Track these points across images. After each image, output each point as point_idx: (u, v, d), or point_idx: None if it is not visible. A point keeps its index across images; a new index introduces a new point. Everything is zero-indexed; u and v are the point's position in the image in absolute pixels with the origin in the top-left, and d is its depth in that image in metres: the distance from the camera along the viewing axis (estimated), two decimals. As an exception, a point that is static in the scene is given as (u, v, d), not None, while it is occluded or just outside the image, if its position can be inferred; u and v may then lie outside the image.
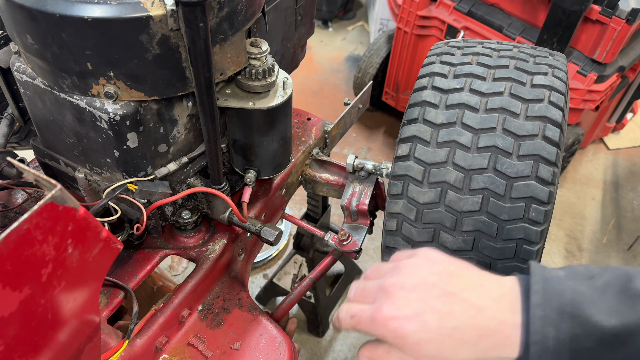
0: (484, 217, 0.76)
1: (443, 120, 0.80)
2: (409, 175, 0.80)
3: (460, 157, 0.77)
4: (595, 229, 2.72)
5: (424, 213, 0.79)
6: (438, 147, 0.79)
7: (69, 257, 0.52)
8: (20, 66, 0.83)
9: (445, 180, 0.78)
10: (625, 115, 2.95)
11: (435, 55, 0.91)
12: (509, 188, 0.75)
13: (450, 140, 0.79)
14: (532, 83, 0.81)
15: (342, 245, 1.07)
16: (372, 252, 2.51)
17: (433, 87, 0.85)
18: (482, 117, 0.78)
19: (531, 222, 0.74)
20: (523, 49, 0.90)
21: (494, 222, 0.75)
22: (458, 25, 2.35)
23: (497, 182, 0.75)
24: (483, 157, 0.76)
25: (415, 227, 0.80)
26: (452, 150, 0.78)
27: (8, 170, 0.97)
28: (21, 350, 0.51)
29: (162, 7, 0.70)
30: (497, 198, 0.75)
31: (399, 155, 0.83)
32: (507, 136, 0.76)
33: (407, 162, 0.81)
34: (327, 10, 3.94)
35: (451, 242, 0.78)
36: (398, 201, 0.82)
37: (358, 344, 2.18)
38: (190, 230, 1.02)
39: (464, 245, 0.78)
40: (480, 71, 0.84)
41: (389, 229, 0.84)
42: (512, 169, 0.75)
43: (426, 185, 0.79)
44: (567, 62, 1.35)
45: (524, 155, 0.75)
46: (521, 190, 0.74)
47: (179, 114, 0.87)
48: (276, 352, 0.94)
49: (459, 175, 0.77)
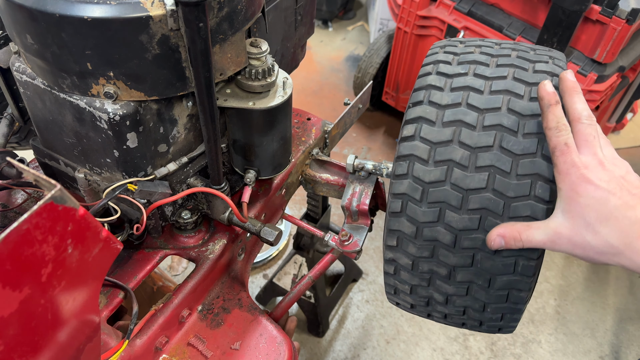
0: (490, 195, 0.76)
1: (448, 102, 0.81)
2: (415, 155, 0.80)
3: (466, 136, 0.78)
4: (595, 229, 2.72)
5: (429, 192, 0.79)
6: (444, 126, 0.80)
7: (69, 257, 0.52)
8: (20, 66, 0.83)
9: (451, 158, 0.78)
10: (625, 115, 2.95)
11: (439, 47, 0.93)
12: (515, 165, 0.75)
13: (456, 119, 0.79)
14: (534, 69, 0.83)
15: (343, 246, 1.07)
16: (372, 252, 2.51)
17: (438, 72, 0.86)
18: (487, 98, 0.80)
19: (537, 199, 0.74)
20: (523, 46, 0.91)
21: (501, 199, 0.75)
22: (458, 25, 2.35)
23: (503, 159, 0.76)
24: (489, 135, 0.77)
25: (420, 206, 0.80)
26: (457, 129, 0.79)
27: (8, 170, 0.97)
28: (21, 350, 0.51)
29: (162, 7, 0.70)
30: (503, 175, 0.75)
31: (404, 136, 0.83)
32: (512, 115, 0.78)
33: (412, 142, 0.81)
34: (327, 10, 3.94)
35: (457, 220, 0.78)
36: (403, 181, 0.81)
37: (358, 344, 2.18)
38: (190, 230, 1.02)
39: (469, 224, 0.77)
40: (484, 59, 0.86)
41: (393, 211, 0.82)
42: (517, 147, 0.76)
43: (432, 164, 0.79)
44: (567, 62, 1.35)
45: (529, 134, 0.76)
46: (527, 167, 0.75)
47: (178, 114, 0.87)
48: (276, 352, 0.94)
49: (465, 153, 0.77)
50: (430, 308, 0.92)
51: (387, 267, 0.89)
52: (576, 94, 0.74)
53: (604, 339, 2.28)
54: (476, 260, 0.79)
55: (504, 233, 0.73)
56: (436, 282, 0.84)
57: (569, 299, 2.41)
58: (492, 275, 0.79)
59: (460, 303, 0.86)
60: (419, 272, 0.84)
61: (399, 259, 0.85)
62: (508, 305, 0.82)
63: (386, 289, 0.96)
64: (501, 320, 0.86)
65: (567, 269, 2.53)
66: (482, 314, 0.86)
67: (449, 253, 0.79)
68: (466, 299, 0.84)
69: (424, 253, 0.81)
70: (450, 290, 0.84)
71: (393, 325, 2.25)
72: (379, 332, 2.22)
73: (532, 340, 2.25)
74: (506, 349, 2.21)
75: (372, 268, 2.45)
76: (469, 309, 0.86)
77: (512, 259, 0.76)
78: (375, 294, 2.35)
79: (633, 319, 2.35)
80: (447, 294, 0.85)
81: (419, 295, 0.89)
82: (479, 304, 0.84)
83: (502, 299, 0.82)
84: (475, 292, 0.82)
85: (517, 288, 0.79)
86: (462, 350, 2.18)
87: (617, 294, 2.44)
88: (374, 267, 2.45)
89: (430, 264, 0.82)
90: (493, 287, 0.80)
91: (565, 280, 2.48)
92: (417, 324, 2.25)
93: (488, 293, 0.81)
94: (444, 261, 0.80)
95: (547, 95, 0.73)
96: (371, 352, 2.16)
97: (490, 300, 0.82)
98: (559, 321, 2.32)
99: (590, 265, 2.55)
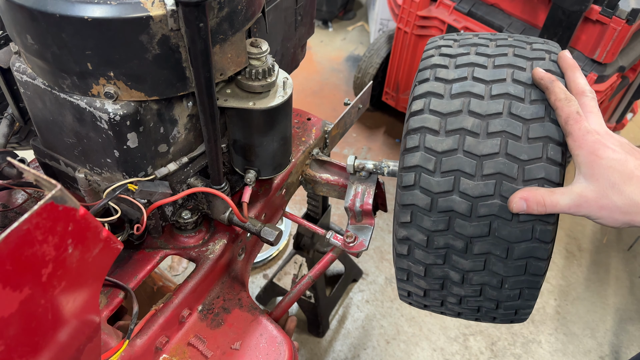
0: (504, 159, 0.77)
1: (455, 76, 0.83)
2: (426, 127, 0.81)
3: (475, 105, 0.79)
4: (596, 229, 2.72)
5: (442, 161, 0.79)
6: (452, 98, 0.81)
7: (69, 257, 0.52)
8: (20, 66, 0.83)
9: (463, 126, 0.79)
10: (625, 116, 2.95)
11: (439, 37, 0.96)
12: (526, 129, 0.77)
13: (464, 91, 0.81)
14: (532, 48, 0.86)
15: (349, 247, 1.07)
16: (372, 252, 2.51)
17: (441, 54, 0.88)
18: (492, 71, 0.82)
19: (550, 161, 0.75)
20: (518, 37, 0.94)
21: (515, 163, 0.76)
22: (458, 25, 2.35)
23: (513, 124, 0.77)
24: (497, 103, 0.79)
25: (434, 177, 0.80)
26: (466, 100, 0.80)
27: (8, 170, 0.97)
28: (21, 350, 0.51)
29: (162, 7, 0.70)
30: (515, 139, 0.77)
31: (413, 110, 0.84)
32: (518, 85, 0.80)
33: (422, 115, 0.82)
34: (327, 10, 3.94)
35: (472, 188, 0.78)
36: (415, 154, 0.81)
37: (358, 344, 2.18)
38: (190, 230, 1.02)
39: (485, 189, 0.77)
40: (484, 41, 0.89)
41: (406, 184, 0.82)
42: (526, 112, 0.77)
43: (443, 134, 0.80)
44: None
45: (536, 100, 0.78)
46: (538, 131, 0.76)
47: (179, 114, 0.87)
48: (276, 352, 0.94)
49: (476, 121, 0.79)
50: (445, 292, 0.90)
51: (400, 247, 0.87)
52: (577, 69, 0.80)
53: (604, 339, 2.28)
54: (493, 229, 0.78)
55: (527, 197, 0.74)
56: (452, 258, 0.83)
57: (569, 299, 2.41)
58: (509, 243, 0.78)
59: (477, 280, 0.84)
60: (434, 248, 0.83)
61: (413, 236, 0.84)
62: (527, 278, 0.82)
63: (398, 275, 0.93)
64: (519, 298, 0.86)
65: (567, 269, 2.53)
66: (500, 292, 0.85)
67: (466, 223, 0.79)
68: (483, 275, 0.83)
69: (439, 226, 0.81)
70: (467, 266, 0.83)
71: (393, 325, 2.25)
72: (379, 332, 2.22)
73: (532, 340, 2.25)
74: (506, 349, 2.21)
75: (372, 268, 2.45)
76: (486, 288, 0.85)
77: (530, 224, 0.76)
78: (375, 294, 2.35)
79: (633, 319, 2.35)
80: (463, 271, 0.84)
81: (433, 277, 0.88)
82: (496, 280, 0.83)
83: (520, 270, 0.81)
84: (493, 265, 0.81)
85: (535, 256, 0.79)
86: (462, 350, 2.18)
87: (617, 294, 2.44)
88: (374, 267, 2.45)
89: (446, 238, 0.81)
90: (511, 257, 0.79)
91: (565, 280, 2.49)
92: (417, 324, 2.25)
93: (506, 265, 0.80)
94: (460, 232, 0.80)
95: (545, 75, 0.78)
96: (371, 352, 2.16)
97: (508, 273, 0.81)
98: (559, 321, 2.32)
99: (590, 265, 2.55)
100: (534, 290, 0.84)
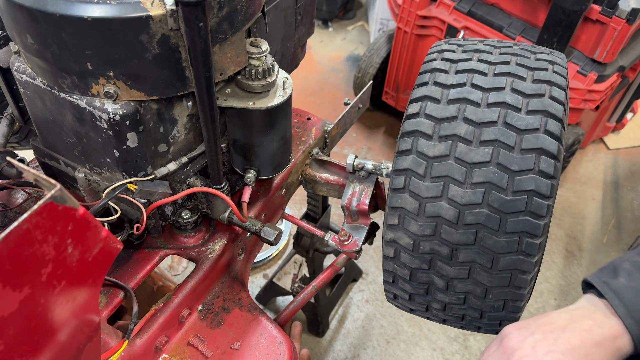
0: (494, 168, 0.76)
1: (453, 82, 0.83)
2: (419, 130, 0.81)
3: (470, 112, 0.79)
4: (596, 228, 2.72)
5: (433, 166, 0.79)
6: (449, 104, 0.81)
7: (69, 256, 0.52)
8: (20, 66, 0.83)
9: (456, 133, 0.79)
10: (625, 115, 2.95)
11: (444, 42, 0.96)
12: (519, 140, 0.76)
13: (461, 97, 0.81)
14: (535, 57, 0.86)
15: (343, 246, 1.07)
16: (372, 252, 2.52)
17: (443, 59, 0.88)
18: (492, 79, 0.82)
19: (542, 173, 0.75)
20: (523, 46, 0.92)
21: (505, 173, 0.76)
22: (458, 25, 2.35)
23: (507, 133, 0.77)
24: (493, 112, 0.78)
25: (424, 181, 0.80)
26: (462, 107, 0.80)
27: (8, 170, 0.97)
28: (21, 350, 0.51)
29: (162, 7, 0.70)
30: (507, 149, 0.76)
31: (409, 113, 0.84)
32: (515, 94, 0.79)
33: (417, 119, 0.82)
34: (327, 10, 3.94)
35: (460, 195, 0.77)
36: (407, 157, 0.81)
37: (358, 344, 2.18)
38: (190, 230, 1.02)
39: (473, 198, 0.77)
40: (488, 48, 0.88)
41: (396, 187, 0.82)
42: (521, 122, 0.77)
43: (436, 139, 0.80)
44: (567, 61, 1.36)
45: (533, 111, 0.77)
46: (531, 142, 0.75)
47: (178, 113, 0.87)
48: (276, 352, 0.94)
49: (470, 128, 0.78)
50: (429, 297, 0.90)
51: (387, 249, 0.87)
52: None
53: (604, 338, 2.27)
54: (479, 238, 0.78)
55: None
56: (437, 264, 0.83)
57: (569, 299, 2.41)
58: (495, 254, 0.78)
59: (461, 288, 0.84)
60: (420, 253, 0.83)
61: (399, 239, 0.84)
62: (511, 290, 0.81)
63: (384, 277, 0.94)
64: (503, 309, 0.85)
65: (567, 269, 2.53)
66: (483, 302, 0.85)
67: (452, 230, 0.79)
68: (467, 283, 0.83)
69: (426, 231, 0.81)
70: (451, 273, 0.82)
71: (393, 325, 2.25)
72: (379, 332, 2.22)
73: (532, 340, 2.25)
74: (506, 348, 2.21)
75: (372, 268, 2.45)
76: (470, 296, 0.85)
77: (516, 235, 0.76)
78: (375, 293, 2.35)
79: (633, 319, 2.35)
80: (448, 277, 0.83)
81: (418, 282, 0.88)
82: (480, 289, 0.83)
83: (505, 281, 0.80)
84: (477, 275, 0.81)
85: (520, 269, 0.78)
86: (462, 350, 2.18)
87: (617, 294, 2.44)
88: (374, 267, 2.45)
89: (432, 243, 0.81)
90: (496, 268, 0.79)
91: (565, 280, 2.48)
92: (417, 324, 2.25)
93: (491, 275, 0.80)
94: (446, 239, 0.79)
95: None
96: (371, 352, 2.16)
97: (492, 283, 0.81)
98: (559, 321, 2.32)
99: (590, 265, 2.55)
100: (518, 302, 0.84)
